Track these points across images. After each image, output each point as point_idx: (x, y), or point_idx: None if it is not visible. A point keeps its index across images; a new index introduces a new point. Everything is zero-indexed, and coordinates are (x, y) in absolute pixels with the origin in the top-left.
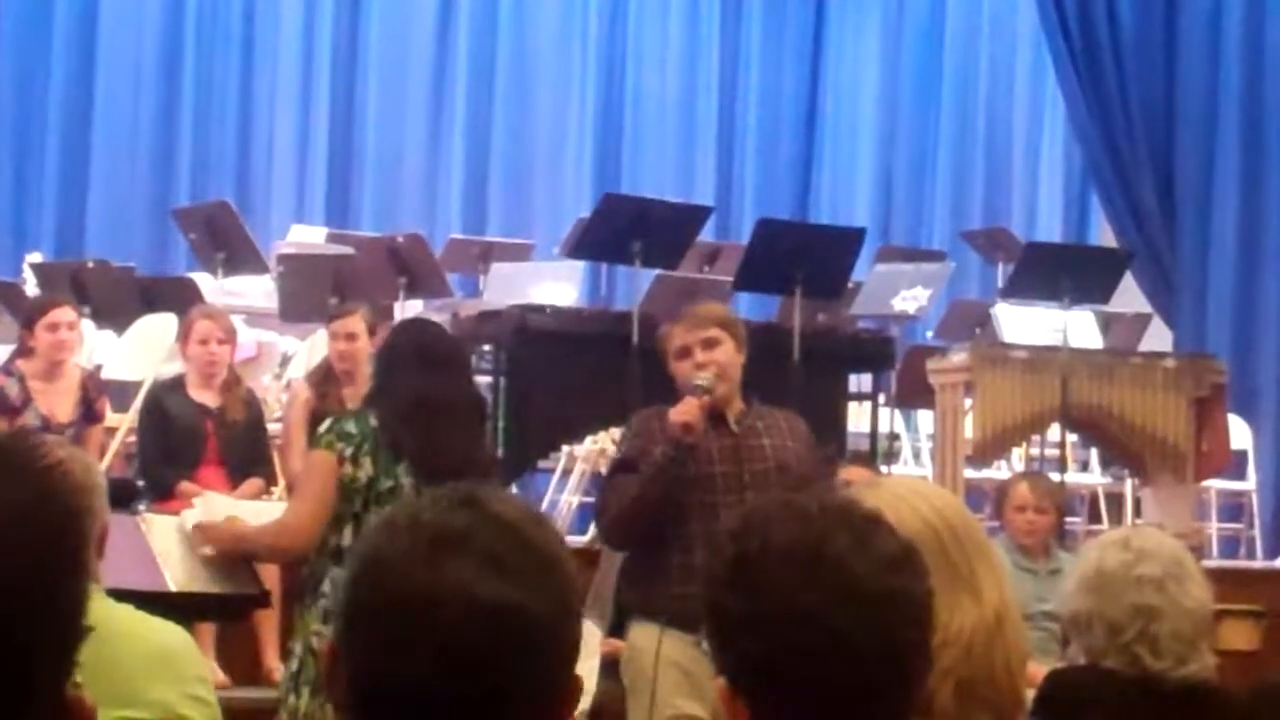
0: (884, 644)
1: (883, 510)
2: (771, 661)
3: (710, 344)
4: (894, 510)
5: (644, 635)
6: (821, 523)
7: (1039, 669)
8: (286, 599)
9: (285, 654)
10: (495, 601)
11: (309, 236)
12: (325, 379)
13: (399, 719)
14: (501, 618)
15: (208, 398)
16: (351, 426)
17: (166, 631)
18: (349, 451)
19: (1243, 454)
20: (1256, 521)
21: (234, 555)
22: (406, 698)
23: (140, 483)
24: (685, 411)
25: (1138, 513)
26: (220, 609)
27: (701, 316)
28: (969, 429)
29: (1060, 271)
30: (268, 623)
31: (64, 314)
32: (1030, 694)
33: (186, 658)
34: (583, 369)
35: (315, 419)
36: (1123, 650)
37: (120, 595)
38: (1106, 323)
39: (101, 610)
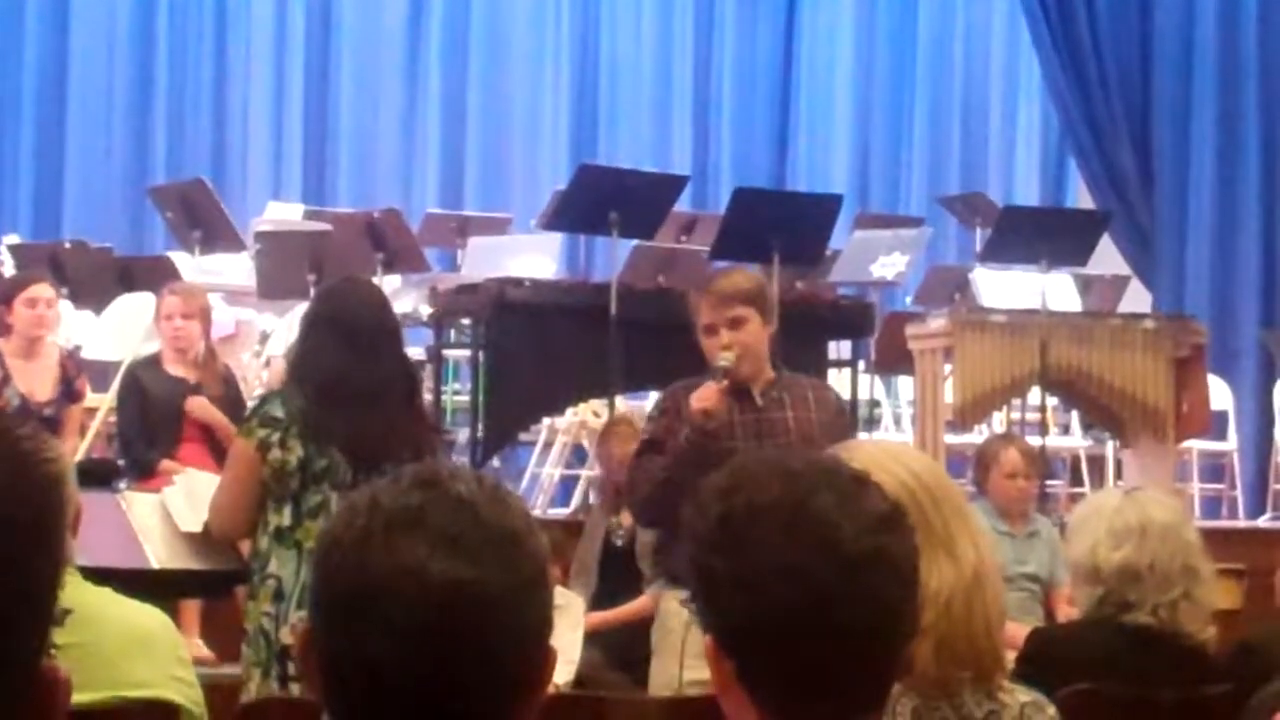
0: (870, 602)
1: None
2: (757, 619)
3: (736, 323)
4: (870, 472)
5: (670, 601)
6: (807, 481)
7: (1019, 630)
8: None
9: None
10: (448, 579)
11: (286, 213)
12: None
13: (367, 700)
14: (456, 595)
15: (184, 374)
16: (278, 409)
17: (145, 614)
18: (275, 436)
19: (1223, 415)
20: (1238, 482)
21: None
22: (372, 678)
23: (121, 462)
24: (705, 398)
25: (1119, 475)
26: (203, 585)
27: (728, 294)
28: (949, 394)
29: (1038, 235)
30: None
31: (42, 290)
32: (1010, 655)
33: (166, 639)
34: (562, 341)
35: None
36: (1168, 608)
37: (103, 574)
38: (1085, 285)
39: (80, 594)
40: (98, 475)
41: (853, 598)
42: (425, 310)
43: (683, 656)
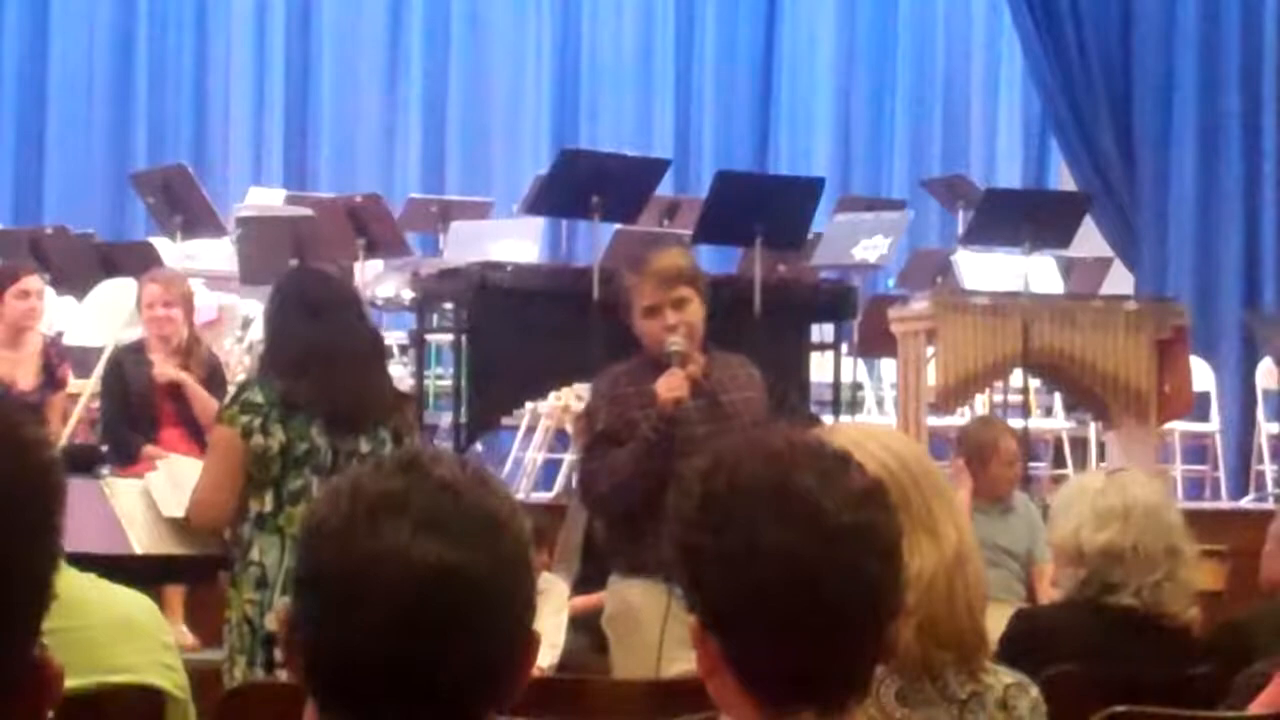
0: (853, 579)
1: None
2: (741, 598)
3: (680, 304)
4: (850, 453)
5: (636, 591)
6: (788, 460)
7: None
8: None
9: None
10: (431, 563)
11: (267, 199)
12: None
13: (350, 684)
14: (439, 579)
15: (164, 361)
16: (258, 395)
17: (130, 599)
18: (257, 422)
19: (1205, 396)
20: (1220, 463)
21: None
22: (355, 663)
23: (104, 448)
24: (675, 386)
25: (1102, 457)
26: (186, 570)
27: (672, 274)
28: (932, 377)
29: (1020, 217)
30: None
31: (34, 282)
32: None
33: (151, 624)
34: (544, 325)
35: None
36: (1151, 589)
37: (86, 560)
38: (1067, 267)
39: (64, 579)
40: (81, 461)
41: (836, 573)
42: (407, 295)
43: (661, 649)
